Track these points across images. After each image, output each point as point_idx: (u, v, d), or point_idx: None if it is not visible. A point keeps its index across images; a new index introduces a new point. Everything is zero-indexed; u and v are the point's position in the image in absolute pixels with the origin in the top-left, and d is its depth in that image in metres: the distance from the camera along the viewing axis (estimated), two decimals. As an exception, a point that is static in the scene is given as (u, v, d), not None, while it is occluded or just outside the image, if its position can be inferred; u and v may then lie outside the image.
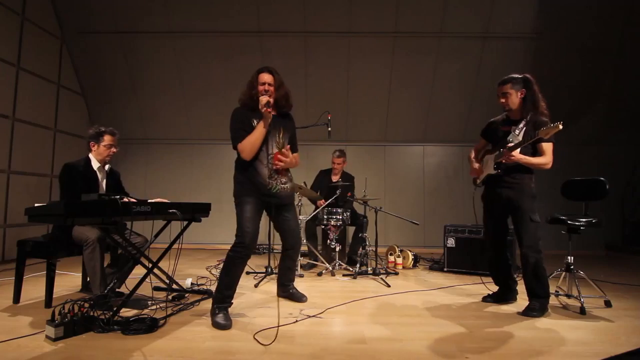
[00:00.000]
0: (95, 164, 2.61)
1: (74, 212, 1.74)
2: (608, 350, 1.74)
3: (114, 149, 2.65)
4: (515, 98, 2.37)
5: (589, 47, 4.98)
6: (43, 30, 4.61)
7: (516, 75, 2.37)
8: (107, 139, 2.60)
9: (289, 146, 2.30)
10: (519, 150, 2.27)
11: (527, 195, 2.36)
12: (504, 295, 2.60)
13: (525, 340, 1.88)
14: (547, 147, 2.29)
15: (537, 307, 2.29)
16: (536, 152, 2.33)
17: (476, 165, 2.61)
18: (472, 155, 2.68)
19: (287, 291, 2.58)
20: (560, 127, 2.01)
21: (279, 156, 2.20)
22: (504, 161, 2.30)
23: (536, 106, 2.32)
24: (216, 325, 1.99)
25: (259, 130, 2.15)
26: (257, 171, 2.21)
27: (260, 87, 2.22)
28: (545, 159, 2.28)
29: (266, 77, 2.24)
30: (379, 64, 5.17)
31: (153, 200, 2.43)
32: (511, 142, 2.30)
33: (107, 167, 2.70)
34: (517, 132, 2.33)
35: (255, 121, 2.18)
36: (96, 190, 2.55)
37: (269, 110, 2.13)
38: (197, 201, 2.59)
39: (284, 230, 2.42)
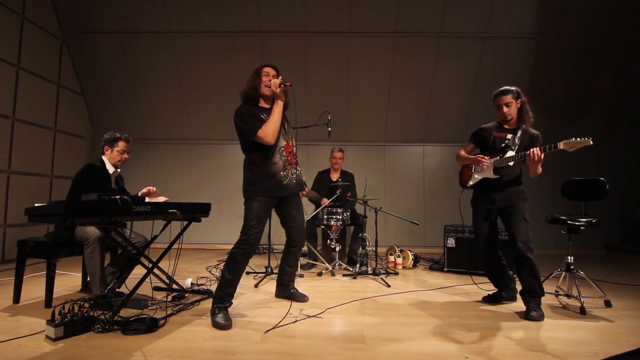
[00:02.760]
0: (110, 168, 2.66)
1: (74, 212, 1.74)
2: (608, 350, 1.75)
3: (126, 155, 2.70)
4: (514, 108, 2.46)
5: (589, 47, 4.98)
6: (43, 30, 4.61)
7: (510, 87, 2.47)
8: (121, 145, 2.66)
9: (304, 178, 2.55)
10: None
11: (520, 197, 2.43)
12: (503, 295, 2.60)
13: (525, 340, 1.88)
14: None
15: (537, 308, 2.29)
16: (524, 163, 2.39)
17: (486, 159, 2.49)
18: (463, 154, 2.66)
19: (287, 291, 2.57)
20: (591, 142, 2.10)
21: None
22: (531, 156, 2.24)
23: (529, 116, 2.45)
24: (216, 325, 2.00)
25: (278, 111, 2.17)
26: (271, 165, 2.22)
27: (265, 78, 2.25)
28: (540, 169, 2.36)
29: (270, 70, 2.29)
30: (379, 64, 5.17)
31: (154, 200, 2.44)
32: (512, 149, 2.40)
33: (118, 171, 2.75)
34: (516, 140, 2.42)
35: (263, 116, 2.19)
36: (109, 191, 2.58)
37: (283, 87, 2.16)
38: (197, 201, 2.58)
39: (291, 227, 2.42)
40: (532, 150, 2.23)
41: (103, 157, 2.66)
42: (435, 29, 4.93)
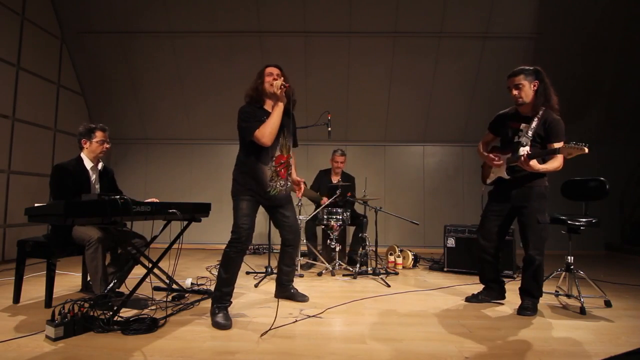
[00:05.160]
0: (88, 164, 2.57)
1: (74, 212, 1.74)
2: (608, 350, 1.75)
3: (106, 145, 2.60)
4: (528, 90, 2.23)
5: (589, 47, 4.98)
6: (43, 30, 4.61)
7: (527, 67, 2.25)
8: (99, 134, 2.56)
9: (303, 180, 2.50)
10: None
11: (536, 194, 2.28)
12: (492, 293, 2.58)
13: (525, 340, 1.88)
14: (559, 147, 2.19)
15: (531, 306, 2.31)
16: (545, 149, 2.24)
17: (497, 159, 2.37)
18: (482, 148, 2.55)
19: (287, 291, 2.57)
20: (586, 150, 1.94)
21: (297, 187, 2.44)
22: (521, 163, 2.19)
23: (548, 100, 2.23)
24: (216, 325, 2.00)
25: (277, 113, 2.15)
26: (259, 171, 2.22)
27: (268, 78, 2.24)
28: (559, 162, 2.18)
29: (273, 70, 2.28)
30: (379, 64, 5.17)
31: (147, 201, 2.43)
32: (524, 144, 2.25)
33: (100, 165, 2.65)
34: (529, 132, 2.23)
35: (265, 118, 2.18)
36: (88, 190, 2.51)
37: (284, 89, 2.13)
38: (197, 201, 2.58)
39: (282, 226, 2.43)
40: (522, 159, 2.13)
41: (81, 154, 2.57)
42: (435, 29, 4.93)
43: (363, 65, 5.16)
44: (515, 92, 2.26)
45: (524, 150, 2.21)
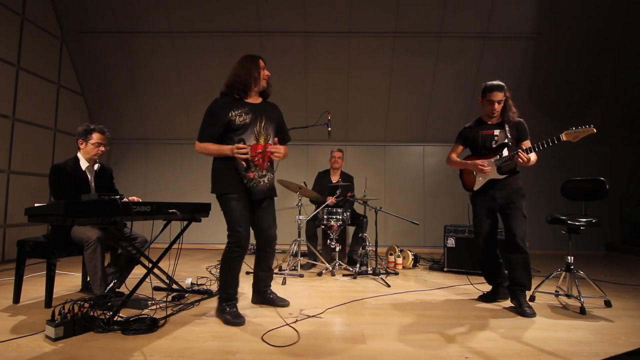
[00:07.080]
0: (84, 164, 2.55)
1: (74, 212, 1.74)
2: (608, 350, 1.75)
3: (102, 148, 2.57)
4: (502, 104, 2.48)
5: (589, 47, 4.98)
6: (43, 30, 4.61)
7: (502, 83, 2.46)
8: (95, 137, 2.54)
9: (276, 139, 2.22)
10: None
11: (520, 194, 2.46)
12: (498, 294, 2.62)
13: (525, 340, 1.88)
14: (529, 144, 2.43)
15: (529, 305, 2.35)
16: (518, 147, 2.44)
17: (486, 165, 2.45)
18: (457, 158, 2.67)
19: (265, 297, 2.42)
20: (594, 130, 2.15)
21: (270, 148, 2.15)
22: (520, 161, 2.31)
23: (513, 111, 2.46)
24: (227, 322, 2.02)
25: (218, 150, 2.16)
26: (234, 161, 2.15)
27: (265, 72, 2.25)
28: (536, 156, 2.38)
29: (263, 64, 2.29)
30: (379, 64, 5.16)
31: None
32: (509, 145, 2.42)
33: (96, 166, 2.64)
34: (508, 135, 2.43)
35: (232, 113, 2.13)
36: (86, 190, 2.51)
37: (245, 157, 2.09)
38: (197, 201, 2.58)
39: (256, 229, 2.30)
40: (521, 155, 2.28)
41: (78, 154, 2.56)
42: (435, 29, 4.93)
43: (363, 65, 5.16)
44: (497, 106, 2.46)
45: (506, 150, 2.41)
